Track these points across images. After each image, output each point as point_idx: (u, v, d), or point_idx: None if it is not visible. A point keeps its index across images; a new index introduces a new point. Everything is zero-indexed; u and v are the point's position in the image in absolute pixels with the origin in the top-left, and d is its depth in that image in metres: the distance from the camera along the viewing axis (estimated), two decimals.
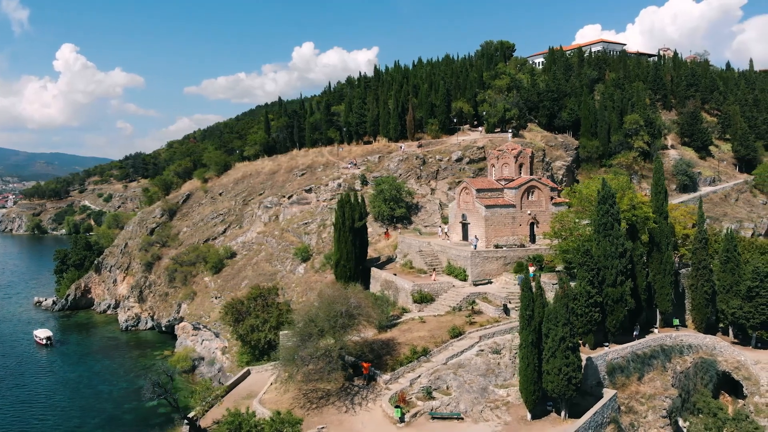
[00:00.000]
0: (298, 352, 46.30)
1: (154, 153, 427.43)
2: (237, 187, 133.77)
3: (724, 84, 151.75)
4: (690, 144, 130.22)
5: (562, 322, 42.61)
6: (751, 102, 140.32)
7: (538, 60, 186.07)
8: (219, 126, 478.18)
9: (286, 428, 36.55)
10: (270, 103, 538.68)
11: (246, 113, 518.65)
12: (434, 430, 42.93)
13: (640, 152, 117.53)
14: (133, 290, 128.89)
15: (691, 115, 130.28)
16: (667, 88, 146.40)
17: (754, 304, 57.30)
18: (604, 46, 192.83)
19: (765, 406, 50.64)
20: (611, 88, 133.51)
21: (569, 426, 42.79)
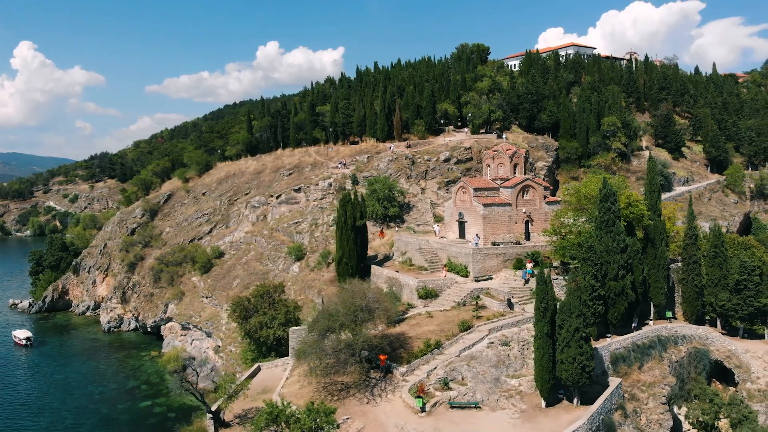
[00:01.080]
0: (319, 346, 47.51)
1: (120, 153, 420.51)
2: (221, 186, 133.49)
3: (694, 87, 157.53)
4: (664, 145, 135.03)
5: (576, 314, 44.82)
6: (720, 105, 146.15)
7: (511, 62, 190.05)
8: (187, 125, 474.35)
9: (322, 417, 37.79)
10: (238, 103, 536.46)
11: (214, 112, 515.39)
12: (454, 419, 44.65)
13: (618, 153, 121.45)
14: (115, 291, 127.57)
15: (664, 118, 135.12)
16: (640, 91, 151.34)
17: (742, 297, 60.69)
18: (576, 50, 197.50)
19: (757, 392, 53.83)
20: (587, 91, 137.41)
21: (583, 412, 44.99)
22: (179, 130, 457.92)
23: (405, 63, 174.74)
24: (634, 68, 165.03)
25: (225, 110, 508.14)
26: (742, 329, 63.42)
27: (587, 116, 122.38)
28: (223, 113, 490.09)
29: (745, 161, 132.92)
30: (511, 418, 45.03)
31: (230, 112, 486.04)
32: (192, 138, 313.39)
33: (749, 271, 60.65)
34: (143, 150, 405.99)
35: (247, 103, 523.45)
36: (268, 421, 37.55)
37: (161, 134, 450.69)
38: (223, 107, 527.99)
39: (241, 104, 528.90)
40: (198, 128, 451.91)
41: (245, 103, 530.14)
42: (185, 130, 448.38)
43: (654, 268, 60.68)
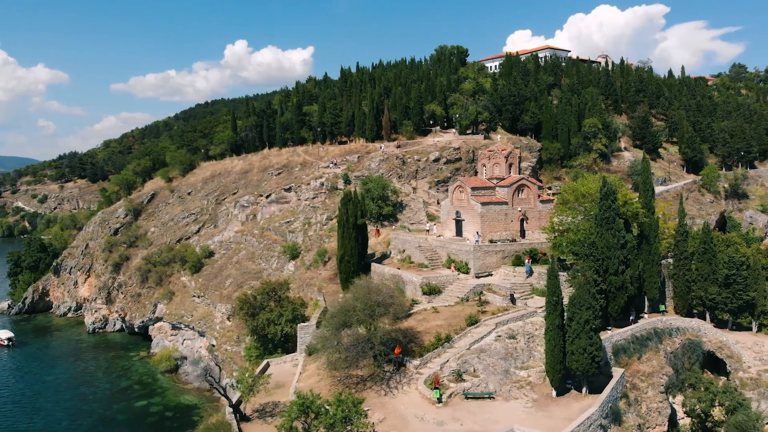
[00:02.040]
0: (338, 340, 48.72)
1: (90, 152, 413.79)
2: (207, 186, 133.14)
3: (668, 90, 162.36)
4: (641, 146, 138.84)
5: (586, 306, 46.88)
6: (694, 107, 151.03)
7: (489, 64, 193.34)
8: (158, 125, 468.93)
9: (351, 407, 38.95)
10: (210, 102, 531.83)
11: (186, 111, 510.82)
12: (471, 409, 46.29)
13: (599, 154, 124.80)
14: (100, 292, 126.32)
15: (642, 120, 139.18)
16: (618, 93, 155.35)
17: (732, 290, 63.72)
18: (552, 53, 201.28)
19: (749, 380, 56.70)
20: (567, 93, 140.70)
21: (592, 401, 47.06)
22: (151, 129, 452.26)
23: (386, 64, 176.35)
24: (611, 71, 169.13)
25: (197, 109, 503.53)
26: (731, 321, 66.51)
27: (568, 118, 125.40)
28: (195, 112, 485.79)
29: (719, 162, 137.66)
30: (525, 407, 46.84)
31: (202, 112, 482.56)
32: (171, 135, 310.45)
33: (737, 265, 63.73)
34: (114, 149, 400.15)
35: (219, 102, 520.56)
36: (300, 412, 38.55)
37: (132, 133, 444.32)
38: (194, 106, 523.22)
39: (212, 103, 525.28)
40: (170, 127, 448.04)
41: (217, 102, 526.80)
42: (157, 130, 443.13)
43: (648, 264, 63.29)
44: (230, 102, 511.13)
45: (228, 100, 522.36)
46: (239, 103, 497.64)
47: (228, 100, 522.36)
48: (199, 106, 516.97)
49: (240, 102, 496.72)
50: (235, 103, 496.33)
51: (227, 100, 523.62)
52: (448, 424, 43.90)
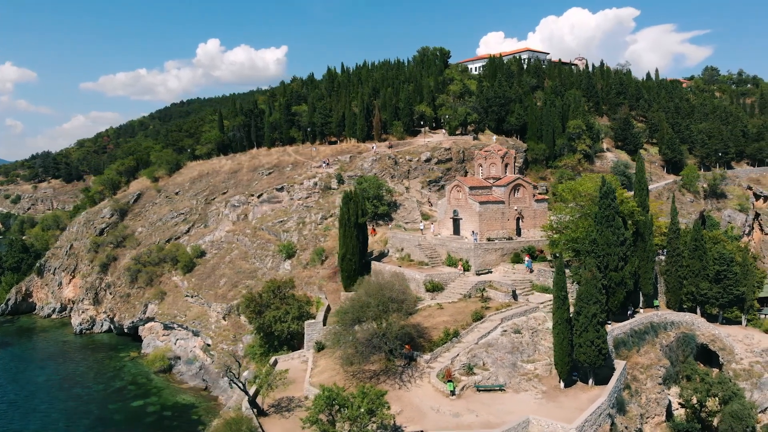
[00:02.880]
0: (354, 336, 49.83)
1: (64, 152, 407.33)
2: (195, 186, 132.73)
3: (647, 92, 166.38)
4: (623, 147, 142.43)
5: (593, 301, 48.71)
6: (673, 109, 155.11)
7: (471, 65, 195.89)
8: (134, 124, 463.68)
9: (375, 399, 40.03)
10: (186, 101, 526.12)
11: (161, 111, 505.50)
12: (484, 401, 47.77)
13: (583, 154, 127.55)
14: (87, 292, 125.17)
15: (623, 121, 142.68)
16: (599, 95, 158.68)
17: (722, 286, 66.32)
18: (531, 55, 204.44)
19: (742, 371, 59.19)
20: (551, 95, 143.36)
21: (598, 391, 48.92)
22: (126, 128, 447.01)
23: (371, 65, 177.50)
24: (591, 73, 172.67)
25: (173, 108, 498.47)
26: (721, 316, 69.20)
27: (553, 119, 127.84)
28: (171, 112, 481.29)
29: (697, 162, 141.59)
30: (535, 398, 48.46)
31: (178, 111, 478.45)
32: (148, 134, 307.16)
33: (728, 262, 66.39)
34: (89, 149, 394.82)
35: (195, 102, 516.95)
36: (326, 405, 39.52)
37: (107, 133, 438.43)
38: (170, 105, 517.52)
39: (188, 102, 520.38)
40: (145, 127, 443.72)
41: (193, 101, 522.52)
42: (132, 129, 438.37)
43: (643, 261, 65.48)
44: (206, 101, 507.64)
45: (204, 100, 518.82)
46: (216, 102, 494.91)
47: (204, 100, 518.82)
48: (175, 105, 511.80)
49: (216, 101, 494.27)
50: (212, 102, 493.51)
51: (203, 100, 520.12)
52: (464, 415, 45.29)
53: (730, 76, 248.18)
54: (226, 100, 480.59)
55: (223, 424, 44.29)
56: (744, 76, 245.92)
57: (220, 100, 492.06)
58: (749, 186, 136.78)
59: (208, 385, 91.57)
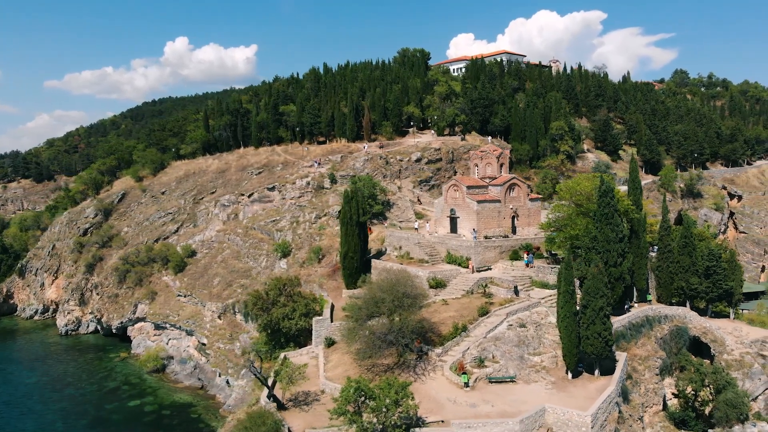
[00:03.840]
0: (370, 330, 51.14)
1: (33, 151, 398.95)
2: (182, 185, 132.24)
3: (624, 95, 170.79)
4: (603, 148, 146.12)
5: (600, 295, 50.82)
6: (650, 112, 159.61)
7: (452, 67, 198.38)
8: (105, 123, 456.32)
9: (400, 390, 41.42)
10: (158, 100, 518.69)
11: (132, 110, 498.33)
12: (497, 392, 49.47)
13: (566, 155, 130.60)
14: (73, 293, 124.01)
15: (603, 123, 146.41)
16: (579, 98, 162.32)
17: (712, 281, 69.34)
18: (508, 57, 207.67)
19: (734, 362, 62.07)
20: (533, 97, 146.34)
21: (605, 381, 51.06)
22: (97, 128, 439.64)
23: (353, 65, 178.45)
24: (571, 75, 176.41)
25: (144, 108, 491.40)
26: (710, 310, 72.28)
27: (536, 120, 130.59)
28: (143, 111, 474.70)
29: (674, 163, 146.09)
30: (546, 389, 50.32)
31: (150, 110, 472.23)
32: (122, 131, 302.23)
33: (717, 257, 69.46)
34: (59, 149, 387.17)
35: (167, 101, 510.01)
36: (355, 395, 40.76)
37: (77, 132, 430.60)
38: (141, 105, 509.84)
39: (160, 102, 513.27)
40: (117, 126, 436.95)
41: (165, 100, 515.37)
42: (104, 128, 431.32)
43: (637, 257, 68.05)
44: (178, 100, 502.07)
45: (176, 99, 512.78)
46: (188, 101, 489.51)
47: (176, 99, 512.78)
48: (147, 104, 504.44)
49: (189, 100, 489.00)
50: (184, 102, 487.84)
51: (175, 99, 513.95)
52: (480, 406, 46.92)
53: (700, 79, 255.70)
54: (199, 99, 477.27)
55: (247, 419, 45.08)
56: (714, 79, 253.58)
57: (192, 99, 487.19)
58: (724, 186, 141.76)
59: (204, 384, 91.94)
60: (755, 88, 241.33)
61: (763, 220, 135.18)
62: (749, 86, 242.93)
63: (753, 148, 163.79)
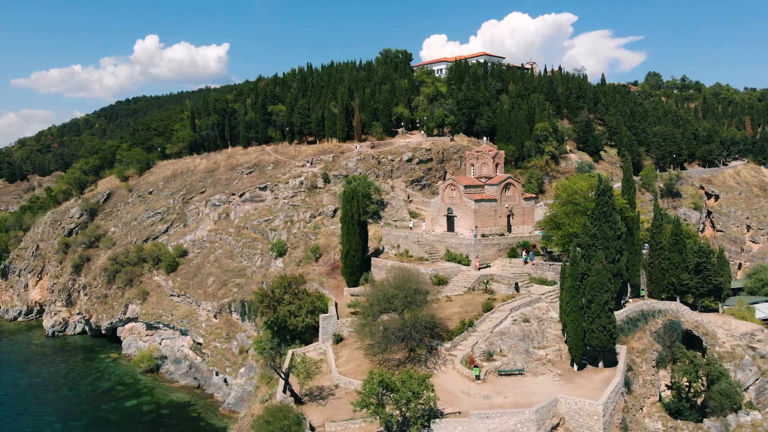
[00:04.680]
0: (385, 326, 52.40)
1: (5, 150, 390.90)
2: (170, 185, 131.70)
3: (604, 97, 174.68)
4: (584, 149, 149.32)
5: (605, 289, 52.84)
6: (629, 113, 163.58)
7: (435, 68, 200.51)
8: (78, 122, 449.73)
9: (421, 383, 42.74)
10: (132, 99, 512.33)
11: (105, 109, 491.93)
12: (508, 384, 51.12)
13: (551, 156, 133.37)
14: (60, 294, 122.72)
15: (585, 124, 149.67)
16: (560, 99, 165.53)
17: (702, 276, 72.10)
18: (488, 59, 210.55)
19: (726, 354, 64.70)
20: (516, 99, 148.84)
21: (609, 373, 53.16)
22: (70, 127, 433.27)
23: (337, 65, 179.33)
24: (552, 77, 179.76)
25: (118, 107, 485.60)
26: (700, 304, 75.09)
27: (521, 122, 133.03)
28: (117, 110, 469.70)
29: (653, 163, 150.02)
30: (554, 380, 52.15)
31: (124, 109, 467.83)
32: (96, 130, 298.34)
33: (707, 254, 72.27)
34: (32, 148, 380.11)
35: (142, 100, 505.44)
36: (379, 387, 41.96)
37: (50, 131, 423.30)
38: (115, 104, 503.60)
39: (134, 101, 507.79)
40: (90, 125, 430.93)
41: (139, 99, 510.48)
42: (77, 127, 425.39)
43: (632, 253, 70.47)
44: (153, 99, 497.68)
45: (151, 98, 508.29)
46: (164, 100, 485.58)
47: (151, 98, 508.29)
48: (120, 103, 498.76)
49: (164, 99, 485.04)
50: (159, 101, 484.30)
51: (150, 98, 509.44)
52: (493, 397, 48.48)
53: (674, 82, 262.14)
54: (174, 99, 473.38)
55: (267, 413, 45.85)
56: (687, 81, 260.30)
57: (168, 99, 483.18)
58: (701, 186, 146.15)
59: (200, 384, 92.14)
60: (727, 90, 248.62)
61: (739, 219, 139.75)
62: (721, 88, 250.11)
63: (728, 149, 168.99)
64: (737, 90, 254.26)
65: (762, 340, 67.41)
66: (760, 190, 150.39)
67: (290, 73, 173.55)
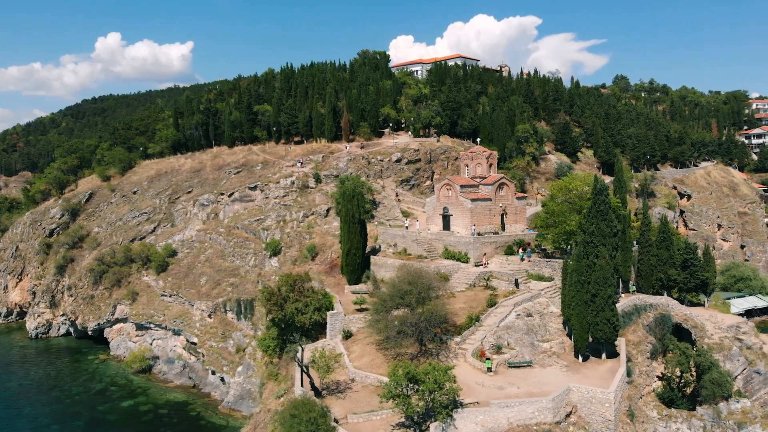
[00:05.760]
0: (401, 321, 54.09)
1: None
2: (155, 185, 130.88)
3: (579, 99, 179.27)
4: (562, 150, 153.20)
5: (608, 284, 55.45)
6: (604, 115, 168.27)
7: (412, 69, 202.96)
8: (44, 121, 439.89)
9: (444, 373, 44.54)
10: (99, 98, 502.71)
11: (71, 107, 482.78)
12: (518, 375, 53.29)
13: (532, 157, 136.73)
14: (43, 295, 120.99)
15: (563, 126, 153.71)
16: (538, 102, 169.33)
17: (689, 272, 75.61)
18: (463, 61, 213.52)
19: (714, 345, 68.10)
20: (496, 101, 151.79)
21: (612, 363, 55.91)
22: (36, 125, 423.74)
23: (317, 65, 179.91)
24: (530, 80, 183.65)
25: (84, 105, 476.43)
26: (687, 299, 78.67)
27: (502, 123, 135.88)
28: (84, 109, 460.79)
29: (628, 164, 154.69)
30: (561, 371, 54.53)
31: (91, 108, 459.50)
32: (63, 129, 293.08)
33: (693, 251, 75.85)
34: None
35: (109, 98, 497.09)
36: (406, 379, 43.61)
37: (15, 130, 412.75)
38: (81, 102, 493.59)
39: (101, 99, 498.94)
40: (57, 124, 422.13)
41: (106, 98, 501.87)
42: (43, 127, 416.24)
43: (624, 250, 73.51)
44: (121, 98, 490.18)
45: (118, 96, 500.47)
46: (132, 99, 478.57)
47: (118, 96, 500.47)
48: (87, 102, 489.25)
49: (133, 98, 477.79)
50: (128, 100, 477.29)
51: (117, 96, 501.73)
52: (507, 388, 50.55)
53: (642, 85, 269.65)
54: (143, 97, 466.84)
55: (291, 407, 46.94)
56: (654, 84, 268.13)
57: (137, 98, 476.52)
58: (674, 186, 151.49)
59: (196, 383, 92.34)
60: (693, 93, 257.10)
61: (710, 217, 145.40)
62: (687, 92, 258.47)
63: (699, 151, 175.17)
64: (703, 93, 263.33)
65: (747, 332, 71.15)
66: (729, 190, 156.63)
67: (267, 72, 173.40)
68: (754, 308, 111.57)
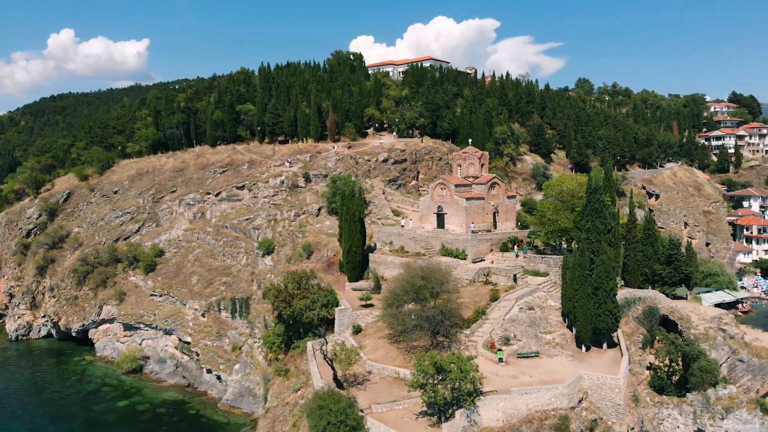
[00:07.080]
0: (417, 314, 56.15)
1: None
2: (137, 184, 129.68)
3: (550, 101, 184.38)
4: (536, 151, 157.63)
5: (610, 278, 58.65)
6: (575, 117, 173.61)
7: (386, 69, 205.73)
8: (2, 119, 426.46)
9: (467, 363, 46.76)
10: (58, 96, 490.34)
11: (30, 105, 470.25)
12: (528, 365, 56.01)
13: (510, 158, 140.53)
14: (23, 297, 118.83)
15: (537, 128, 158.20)
16: (512, 104, 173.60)
17: (674, 267, 79.79)
18: (433, 63, 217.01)
19: (700, 335, 72.21)
20: (472, 103, 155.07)
21: (613, 352, 59.30)
22: None
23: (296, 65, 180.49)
24: (503, 83, 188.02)
25: (42, 103, 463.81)
26: (670, 293, 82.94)
27: (480, 125, 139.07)
28: (43, 107, 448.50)
29: (599, 164, 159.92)
30: (568, 361, 57.48)
31: (51, 106, 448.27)
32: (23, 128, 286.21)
33: (677, 246, 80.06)
34: None
35: (69, 96, 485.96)
36: (433, 368, 45.71)
37: None
38: (39, 100, 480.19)
39: (60, 97, 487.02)
40: (15, 122, 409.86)
41: (66, 96, 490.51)
42: (1, 125, 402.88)
43: (614, 246, 77.12)
44: (82, 96, 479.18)
45: (79, 95, 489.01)
46: (93, 97, 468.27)
47: (79, 95, 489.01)
48: (46, 100, 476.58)
49: (94, 96, 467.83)
50: (89, 98, 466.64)
51: (78, 95, 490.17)
52: (520, 377, 53.20)
53: (605, 88, 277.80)
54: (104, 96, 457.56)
55: (318, 398, 48.45)
56: (617, 87, 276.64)
57: (98, 96, 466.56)
58: (643, 186, 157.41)
59: (191, 382, 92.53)
60: (654, 96, 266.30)
61: (677, 216, 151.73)
62: (649, 95, 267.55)
63: (665, 152, 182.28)
64: (663, 96, 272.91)
65: (728, 323, 75.57)
66: (694, 189, 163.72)
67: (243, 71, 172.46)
68: (723, 302, 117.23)
